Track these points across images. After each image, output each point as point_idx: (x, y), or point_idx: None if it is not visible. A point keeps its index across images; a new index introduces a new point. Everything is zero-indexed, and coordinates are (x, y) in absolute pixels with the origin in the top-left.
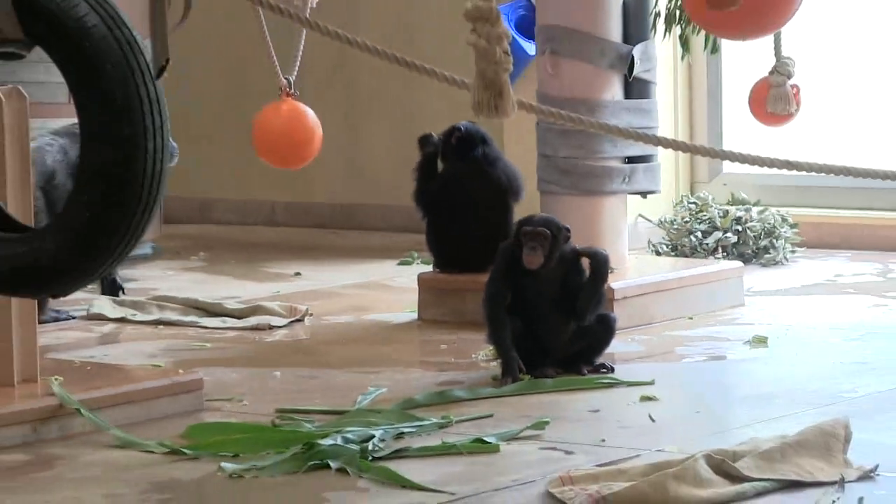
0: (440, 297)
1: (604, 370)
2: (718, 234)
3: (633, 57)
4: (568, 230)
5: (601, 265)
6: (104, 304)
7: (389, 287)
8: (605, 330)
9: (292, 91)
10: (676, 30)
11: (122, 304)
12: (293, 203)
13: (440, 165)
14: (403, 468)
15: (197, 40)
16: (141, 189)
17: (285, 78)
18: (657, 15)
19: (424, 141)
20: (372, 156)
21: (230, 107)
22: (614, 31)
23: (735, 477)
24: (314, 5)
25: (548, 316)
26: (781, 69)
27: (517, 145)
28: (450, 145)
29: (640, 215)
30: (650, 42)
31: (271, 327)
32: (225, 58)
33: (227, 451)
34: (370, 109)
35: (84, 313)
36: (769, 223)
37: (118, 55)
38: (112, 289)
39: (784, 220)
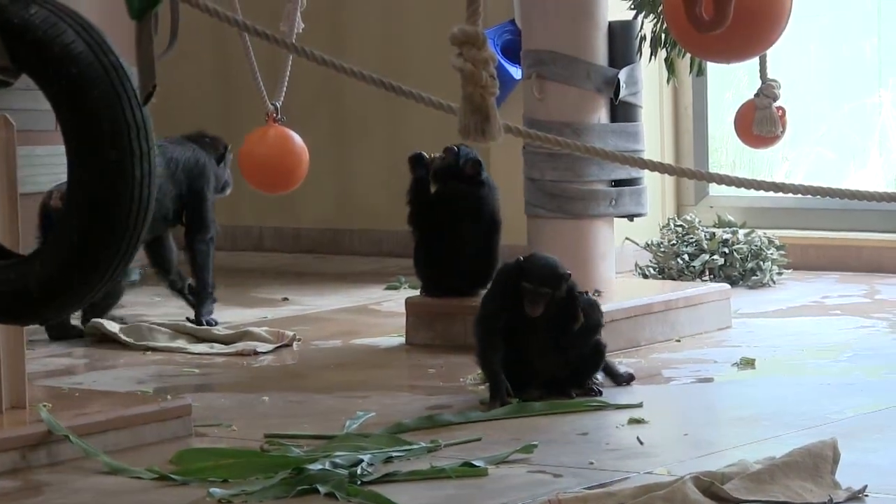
0: (428, 322)
1: (592, 393)
2: (705, 257)
3: (619, 80)
4: (568, 276)
5: (593, 319)
6: (102, 321)
7: (377, 312)
8: (594, 354)
9: (279, 117)
10: (662, 53)
11: (120, 320)
12: (281, 228)
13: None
14: (392, 493)
15: (185, 66)
16: (128, 214)
17: (272, 104)
18: (643, 38)
19: (416, 162)
20: (359, 180)
21: (217, 132)
22: (600, 55)
23: (724, 499)
24: (300, 30)
25: (539, 340)
26: (767, 91)
27: (504, 169)
28: (452, 170)
29: (627, 238)
30: (636, 65)
31: (256, 353)
32: (213, 83)
33: (215, 477)
34: (357, 133)
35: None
36: (756, 245)
37: (105, 81)
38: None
39: (771, 242)
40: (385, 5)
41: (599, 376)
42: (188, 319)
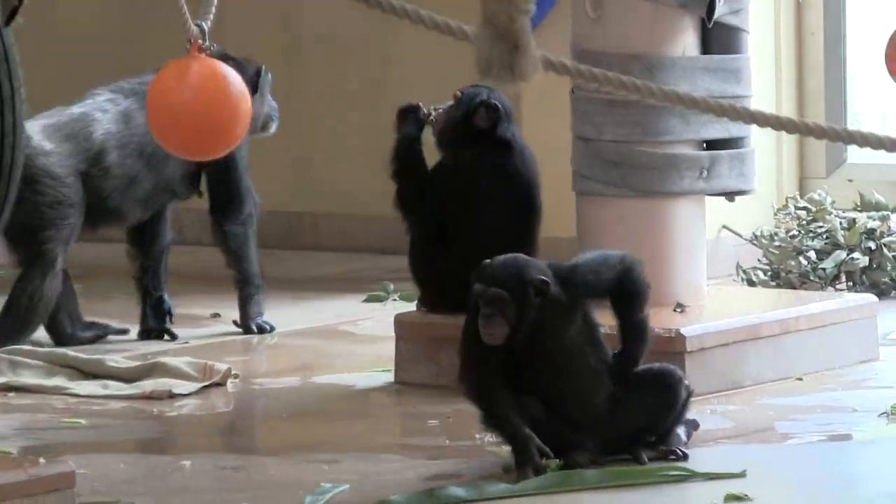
0: (428, 350)
1: (672, 457)
2: (841, 255)
3: None
4: (543, 282)
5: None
6: None
7: (352, 335)
8: (668, 395)
9: (206, 44)
10: None
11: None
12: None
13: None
14: None
15: None
16: None
17: (195, 24)
18: None
19: (407, 114)
20: (327, 144)
21: (114, 67)
22: None
23: None
24: None
25: (562, 376)
26: None
27: (541, 123)
28: (465, 127)
29: (725, 227)
30: None
31: (172, 395)
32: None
33: None
34: (323, 72)
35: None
36: None
37: None
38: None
39: None
40: None
41: (682, 432)
42: (235, 323)
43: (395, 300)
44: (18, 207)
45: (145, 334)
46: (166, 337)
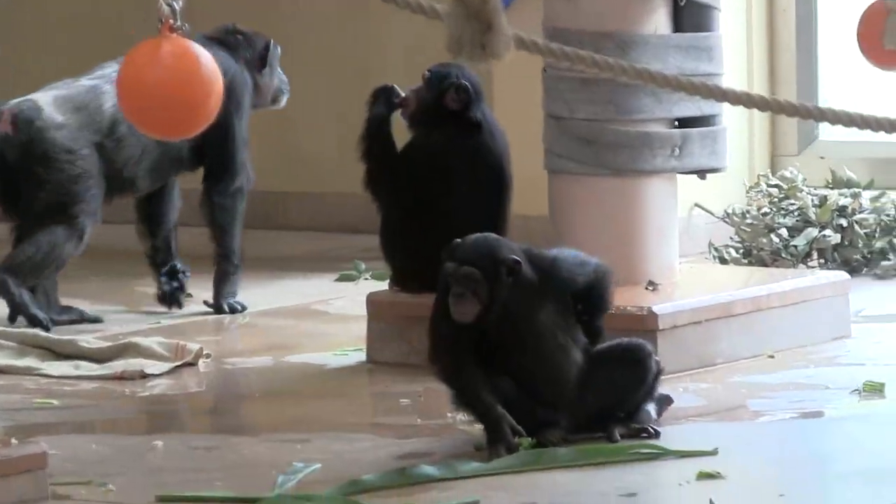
0: (400, 329)
1: (644, 435)
2: (813, 232)
3: None
4: (515, 262)
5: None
6: None
7: (324, 314)
8: (638, 370)
9: (177, 24)
10: None
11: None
12: (182, 192)
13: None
14: None
15: None
16: None
17: (167, 3)
18: None
19: (380, 95)
20: (300, 122)
21: (81, 48)
22: None
23: None
24: None
25: (533, 355)
26: None
27: (513, 102)
28: (436, 108)
29: (697, 205)
30: None
31: (144, 376)
32: None
33: None
34: (297, 51)
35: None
36: (888, 215)
37: None
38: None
39: None
40: None
41: (652, 409)
42: (206, 303)
43: (366, 279)
44: (41, 187)
45: (162, 298)
46: (184, 297)
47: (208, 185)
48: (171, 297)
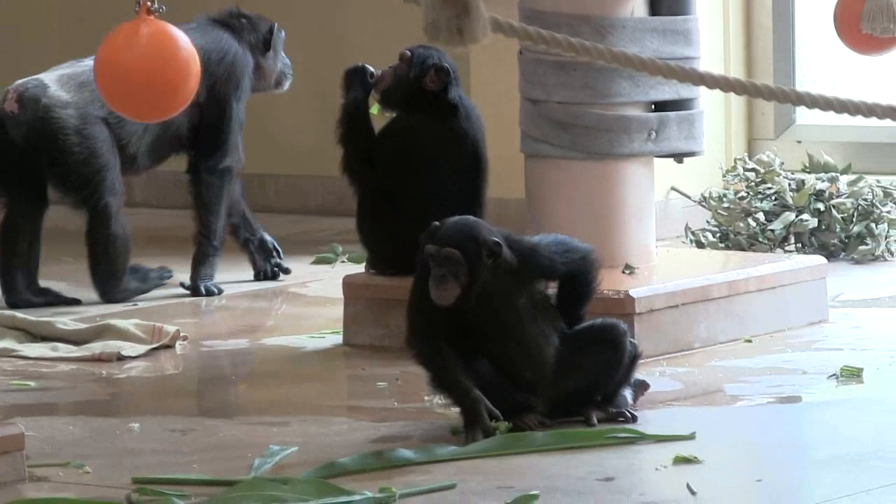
0: (377, 312)
1: (621, 419)
2: (790, 217)
3: None
4: (497, 244)
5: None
6: None
7: (301, 297)
8: (613, 350)
9: (155, 6)
10: None
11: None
12: (159, 172)
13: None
14: None
15: None
16: None
17: None
18: None
19: (354, 78)
20: (276, 104)
21: (68, 39)
22: None
23: None
24: None
25: (511, 339)
26: None
27: (489, 85)
28: (414, 89)
29: (674, 189)
30: None
31: (120, 357)
32: None
33: None
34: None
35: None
36: (865, 199)
37: None
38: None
39: (887, 194)
40: None
41: (629, 394)
42: (182, 285)
43: (343, 262)
44: (55, 169)
45: (260, 275)
46: (280, 274)
47: (198, 162)
48: (268, 273)
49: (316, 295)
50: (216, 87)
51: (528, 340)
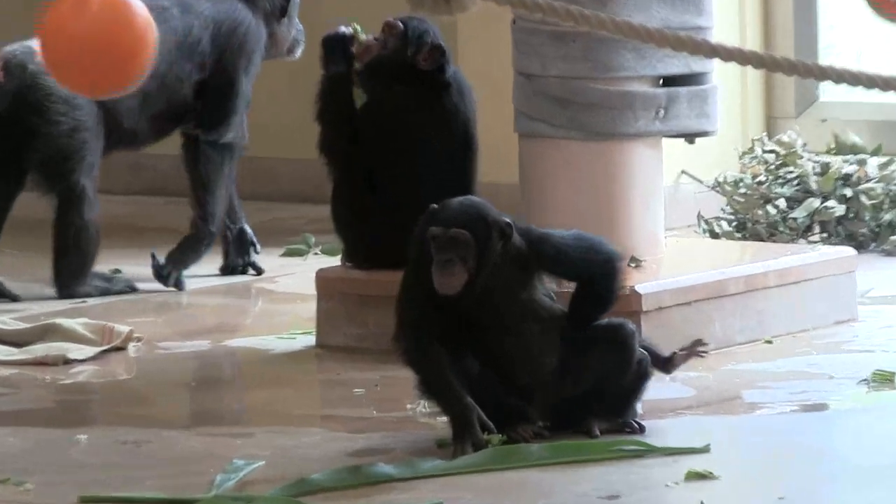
0: (353, 310)
1: (627, 430)
2: (815, 203)
3: None
4: (508, 225)
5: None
6: None
7: (269, 293)
8: (620, 353)
9: None
10: None
11: None
12: (113, 158)
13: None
14: None
15: None
16: None
17: None
18: None
19: (335, 47)
20: None
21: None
22: None
23: None
24: None
25: (511, 336)
26: None
27: (479, 58)
28: (396, 62)
29: (685, 172)
30: None
31: (67, 361)
32: None
33: None
34: None
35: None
36: None
37: None
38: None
39: None
40: None
41: (639, 407)
42: (154, 261)
43: (316, 254)
44: (35, 141)
45: (228, 270)
46: (251, 272)
47: (198, 136)
48: (238, 269)
49: (286, 291)
50: (225, 57)
51: (527, 340)
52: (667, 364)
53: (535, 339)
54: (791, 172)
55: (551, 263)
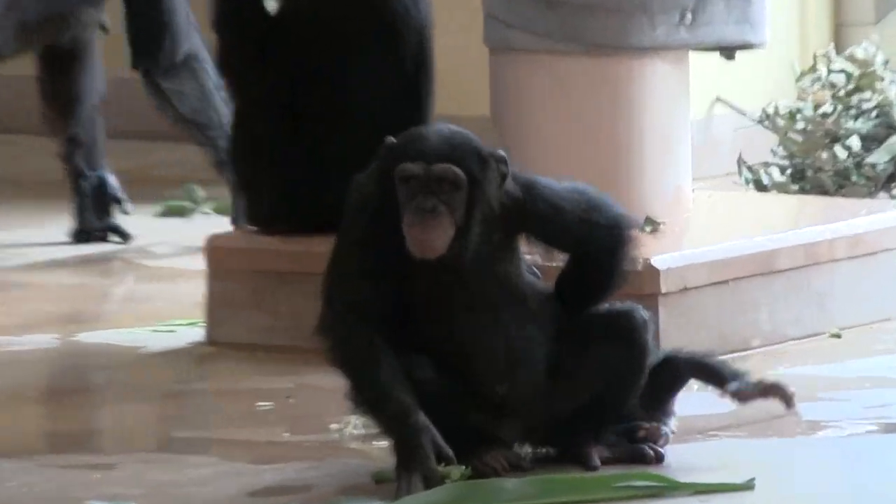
0: (257, 291)
1: (640, 457)
2: None
3: None
4: (504, 161)
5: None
6: None
7: (139, 268)
8: (627, 349)
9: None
10: None
11: None
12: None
13: None
14: None
15: None
16: None
17: None
18: None
19: None
20: None
21: None
22: None
23: None
24: None
25: (481, 325)
26: None
27: None
28: None
29: (720, 99)
30: None
31: None
32: None
33: None
34: None
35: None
36: None
37: None
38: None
39: None
40: None
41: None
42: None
43: (206, 213)
44: None
45: (82, 235)
46: (114, 238)
47: (144, 68)
48: (95, 235)
49: (163, 265)
50: None
51: (504, 333)
52: (730, 388)
53: (514, 331)
54: (868, 101)
55: (540, 223)
